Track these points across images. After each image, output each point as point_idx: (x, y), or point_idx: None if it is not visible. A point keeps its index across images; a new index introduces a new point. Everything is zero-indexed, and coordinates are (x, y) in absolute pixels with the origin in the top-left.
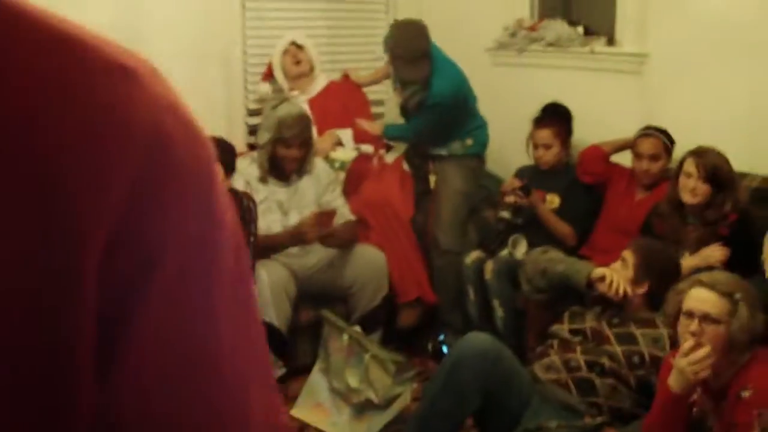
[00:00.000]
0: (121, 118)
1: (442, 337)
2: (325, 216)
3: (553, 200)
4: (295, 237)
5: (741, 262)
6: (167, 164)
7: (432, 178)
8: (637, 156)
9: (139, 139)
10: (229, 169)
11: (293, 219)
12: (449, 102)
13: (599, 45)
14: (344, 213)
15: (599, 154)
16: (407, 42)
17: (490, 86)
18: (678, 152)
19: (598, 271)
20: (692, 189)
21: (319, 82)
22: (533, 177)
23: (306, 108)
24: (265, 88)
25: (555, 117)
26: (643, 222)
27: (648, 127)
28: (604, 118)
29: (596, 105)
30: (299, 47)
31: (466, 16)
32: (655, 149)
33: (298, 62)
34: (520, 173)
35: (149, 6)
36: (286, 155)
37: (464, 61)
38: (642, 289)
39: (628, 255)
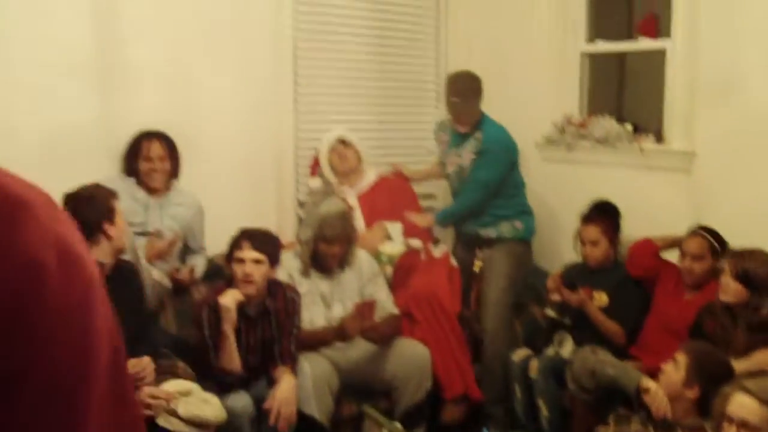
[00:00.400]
0: (3, 251)
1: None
2: (366, 307)
3: (601, 298)
4: (338, 333)
5: None
6: (39, 295)
7: (477, 264)
8: (683, 254)
9: (15, 271)
10: (274, 261)
11: (336, 311)
12: (502, 150)
13: (648, 142)
14: (387, 306)
15: (650, 249)
16: (464, 81)
17: (538, 181)
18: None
19: (648, 383)
20: (724, 287)
21: (369, 177)
22: (581, 274)
23: (355, 202)
24: (315, 183)
25: (603, 214)
26: (693, 322)
27: (698, 227)
28: (652, 216)
29: (645, 202)
30: (345, 144)
31: (516, 111)
32: (699, 249)
33: (344, 158)
34: (567, 270)
35: (203, 99)
36: (327, 252)
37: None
38: (693, 393)
39: (680, 357)
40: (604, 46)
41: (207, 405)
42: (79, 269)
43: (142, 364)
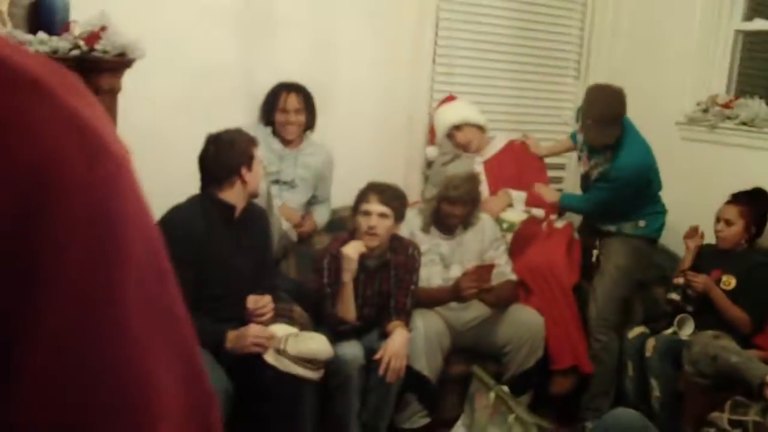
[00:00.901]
0: (15, 137)
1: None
2: (485, 270)
3: (729, 281)
4: (453, 293)
5: None
6: (58, 187)
7: (595, 253)
8: None
9: (28, 160)
10: (399, 216)
11: (455, 272)
12: (633, 178)
13: None
14: (506, 272)
15: None
16: (603, 104)
17: (677, 161)
18: None
19: None
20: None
21: (497, 143)
22: (711, 255)
23: (480, 168)
24: (432, 151)
25: (749, 198)
26: None
27: None
28: None
29: None
30: (458, 128)
31: (659, 87)
32: None
33: (461, 141)
34: (701, 251)
35: (343, 54)
36: (450, 212)
37: (653, 133)
38: None
39: None
40: (762, 24)
41: (313, 341)
42: (108, 160)
43: (264, 302)
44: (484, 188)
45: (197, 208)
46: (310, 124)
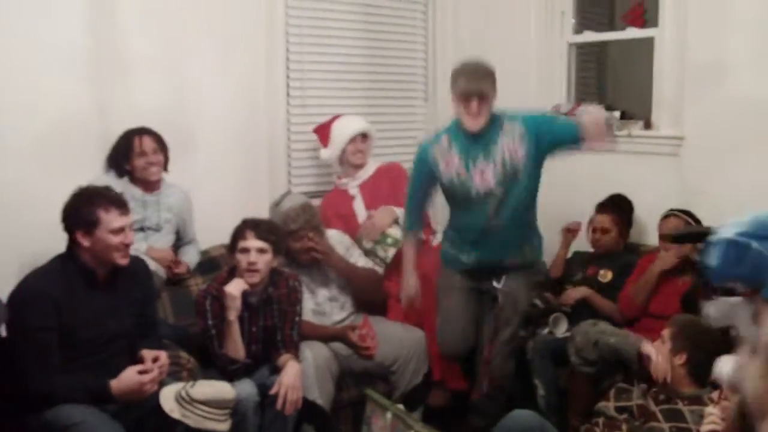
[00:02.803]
0: None
1: None
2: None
3: (606, 275)
4: (336, 337)
5: None
6: None
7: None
8: (661, 238)
9: None
10: (277, 250)
11: (322, 296)
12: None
13: (636, 129)
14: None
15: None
16: (474, 63)
17: None
18: None
19: (648, 348)
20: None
21: (369, 168)
22: (588, 258)
23: (356, 192)
24: (327, 153)
25: (618, 206)
26: (684, 297)
27: (670, 210)
28: (642, 200)
29: (635, 186)
30: (365, 137)
31: (503, 102)
32: (676, 227)
33: (361, 153)
34: (574, 257)
35: (196, 92)
36: (299, 248)
37: None
38: (680, 359)
39: (665, 331)
40: (592, 36)
41: (212, 385)
42: None
43: (163, 360)
44: (360, 208)
45: (58, 270)
46: (165, 165)
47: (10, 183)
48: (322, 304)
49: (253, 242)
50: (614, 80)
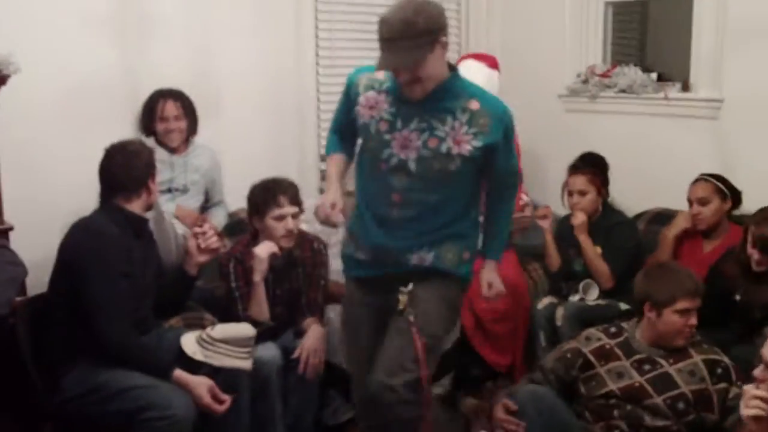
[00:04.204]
0: None
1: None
2: None
3: (595, 251)
4: None
5: None
6: None
7: None
8: (690, 203)
9: None
10: (302, 211)
11: None
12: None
13: (673, 91)
14: None
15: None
16: (397, 19)
17: (562, 133)
18: (756, 198)
19: None
20: (751, 255)
21: None
22: (571, 230)
23: None
24: None
25: (591, 165)
26: (712, 266)
27: (701, 174)
28: (679, 165)
29: (671, 151)
30: None
31: (538, 62)
32: (704, 192)
33: None
34: (560, 227)
35: (224, 53)
36: None
37: (537, 108)
38: None
39: None
40: None
41: (231, 325)
42: None
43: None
44: None
45: (110, 221)
46: (192, 129)
47: (36, 142)
48: None
49: (288, 209)
50: (654, 41)
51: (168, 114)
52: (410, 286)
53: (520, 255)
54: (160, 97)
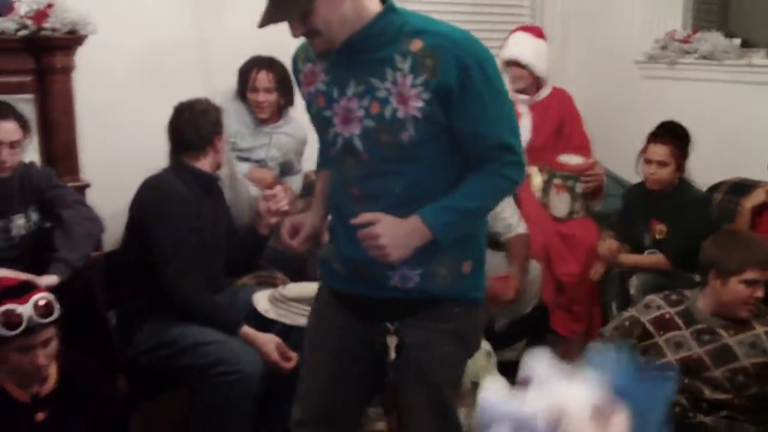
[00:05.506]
0: None
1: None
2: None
3: (662, 230)
4: None
5: None
6: None
7: None
8: None
9: None
10: None
11: None
12: None
13: (758, 57)
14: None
15: None
16: None
17: (639, 100)
18: None
19: None
20: None
21: (546, 89)
22: (640, 200)
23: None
24: None
25: (674, 135)
26: None
27: None
28: (762, 134)
29: (754, 120)
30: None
31: (615, 27)
32: None
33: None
34: (627, 194)
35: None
36: None
37: (613, 74)
38: None
39: None
40: None
41: (306, 285)
42: None
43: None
44: (525, 132)
45: (178, 179)
46: (287, 101)
47: (112, 102)
48: None
49: None
50: (737, 5)
51: (259, 85)
52: (396, 324)
53: (598, 222)
54: (253, 66)
